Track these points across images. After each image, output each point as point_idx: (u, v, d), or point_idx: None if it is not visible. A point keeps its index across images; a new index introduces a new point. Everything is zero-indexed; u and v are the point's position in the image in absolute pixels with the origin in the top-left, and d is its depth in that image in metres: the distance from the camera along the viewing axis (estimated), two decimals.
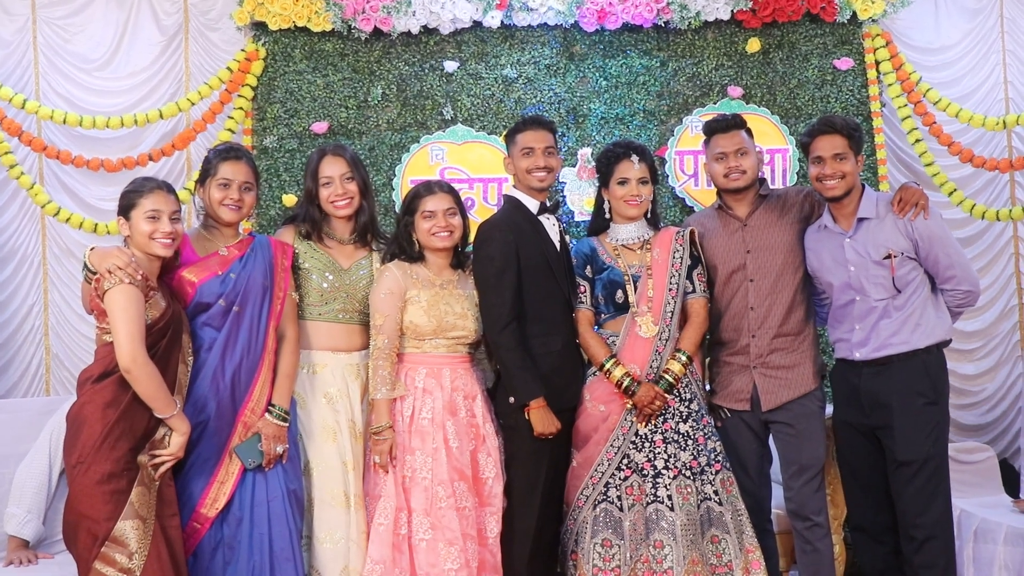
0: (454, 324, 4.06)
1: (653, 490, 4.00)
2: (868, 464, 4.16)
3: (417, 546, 3.89)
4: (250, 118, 5.98)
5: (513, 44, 6.02)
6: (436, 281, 4.11)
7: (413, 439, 3.97)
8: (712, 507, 4.02)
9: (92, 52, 6.06)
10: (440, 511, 3.90)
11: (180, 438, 3.63)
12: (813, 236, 4.23)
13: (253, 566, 3.73)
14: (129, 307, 3.53)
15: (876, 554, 4.21)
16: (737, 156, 4.22)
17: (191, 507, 3.71)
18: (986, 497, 5.09)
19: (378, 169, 5.91)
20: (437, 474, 3.93)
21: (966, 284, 4.09)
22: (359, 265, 4.18)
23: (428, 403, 4.00)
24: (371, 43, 5.97)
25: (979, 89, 6.31)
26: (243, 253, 3.95)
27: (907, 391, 4.03)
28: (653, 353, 4.11)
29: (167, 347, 3.65)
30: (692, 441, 4.06)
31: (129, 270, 3.55)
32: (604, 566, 4.00)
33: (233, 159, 3.98)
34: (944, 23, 6.35)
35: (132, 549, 3.47)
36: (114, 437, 3.52)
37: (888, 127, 6.12)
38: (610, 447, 4.07)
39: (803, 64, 6.05)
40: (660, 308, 4.13)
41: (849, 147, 4.08)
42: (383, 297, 4.02)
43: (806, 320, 4.25)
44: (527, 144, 4.22)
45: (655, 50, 6.05)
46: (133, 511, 3.49)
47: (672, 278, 4.16)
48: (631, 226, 4.24)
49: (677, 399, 4.10)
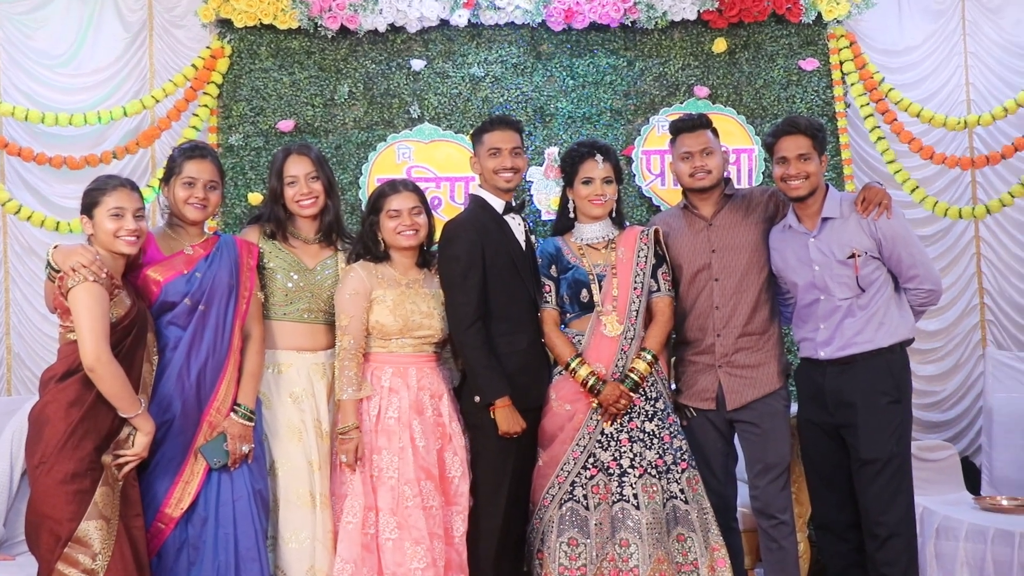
0: (420, 324, 4.06)
1: (619, 489, 4.00)
2: (832, 462, 4.18)
3: (383, 545, 3.88)
4: (215, 116, 5.95)
5: (480, 43, 6.02)
6: (402, 281, 4.10)
7: (379, 438, 3.96)
8: (678, 505, 4.02)
9: (55, 48, 6.02)
10: (407, 510, 3.89)
11: (144, 438, 3.60)
12: (778, 236, 4.25)
13: (219, 566, 3.70)
14: (93, 305, 3.50)
15: (839, 552, 4.23)
16: (702, 156, 4.23)
17: (155, 507, 3.68)
18: (948, 495, 5.14)
19: (344, 168, 5.90)
20: (403, 473, 3.92)
21: (929, 283, 4.12)
22: (324, 265, 4.16)
23: (395, 402, 4.00)
24: (338, 41, 5.95)
25: (941, 90, 6.37)
26: (208, 252, 3.92)
27: (871, 390, 4.05)
28: (619, 352, 4.11)
29: (132, 345, 3.62)
30: (658, 440, 4.07)
31: (93, 268, 3.51)
32: (570, 564, 4.00)
33: (198, 158, 3.95)
34: (907, 25, 6.40)
35: (96, 550, 3.44)
36: (77, 437, 3.49)
37: (852, 128, 6.17)
38: (576, 446, 4.07)
39: (769, 64, 6.09)
40: (625, 307, 4.13)
41: (813, 147, 4.10)
42: (348, 298, 4.01)
43: (771, 319, 4.26)
44: (494, 144, 4.21)
45: (622, 50, 6.07)
46: (97, 511, 3.46)
47: (637, 277, 4.16)
48: (596, 225, 4.24)
49: (643, 398, 4.10)
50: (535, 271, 4.26)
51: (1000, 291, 6.33)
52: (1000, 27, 6.35)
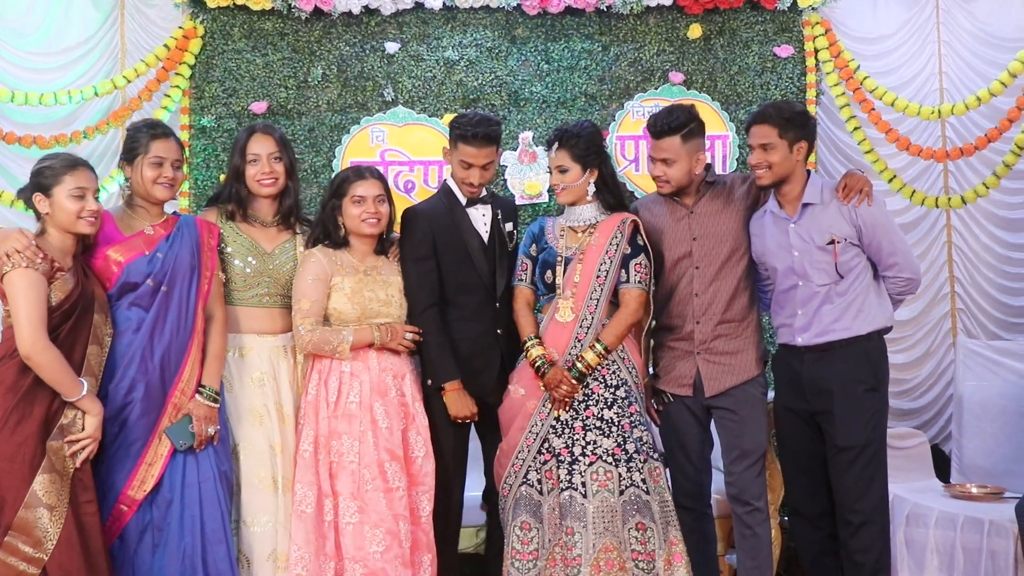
0: (378, 311, 4.05)
1: (568, 477, 3.96)
2: (807, 449, 4.19)
3: (344, 529, 3.89)
4: (187, 97, 5.90)
5: (455, 26, 5.99)
6: (360, 268, 4.08)
7: (340, 423, 3.95)
8: (640, 495, 3.95)
9: (24, 27, 5.95)
10: (367, 494, 3.89)
11: (94, 419, 3.55)
12: (758, 221, 4.23)
13: (184, 548, 3.68)
14: (29, 291, 3.46)
15: (812, 538, 4.24)
16: (663, 164, 4.15)
17: (117, 489, 3.65)
18: (918, 482, 5.17)
19: (318, 150, 5.87)
20: (364, 457, 3.92)
21: (908, 271, 4.11)
22: (283, 248, 4.13)
23: (355, 387, 3.99)
24: (311, 23, 5.91)
25: (915, 79, 6.37)
26: (169, 232, 3.88)
27: (848, 378, 4.05)
28: (573, 340, 4.06)
29: (73, 328, 3.58)
30: (617, 428, 4.01)
31: (27, 253, 3.48)
32: (522, 549, 4.00)
33: (162, 136, 3.91)
34: (882, 13, 6.40)
35: (38, 537, 3.41)
36: (13, 422, 3.45)
37: (825, 115, 6.18)
38: (529, 433, 4.05)
39: (744, 51, 6.08)
40: (584, 295, 4.07)
41: (780, 136, 4.05)
42: (310, 283, 3.99)
43: (750, 307, 4.25)
44: (466, 158, 4.18)
45: (597, 34, 6.06)
46: (37, 499, 3.42)
47: (602, 265, 4.08)
48: (580, 208, 4.18)
49: (601, 385, 4.05)
50: (503, 260, 4.26)
51: (971, 280, 6.35)
52: (974, 16, 6.34)
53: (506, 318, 4.24)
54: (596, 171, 4.15)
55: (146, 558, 3.68)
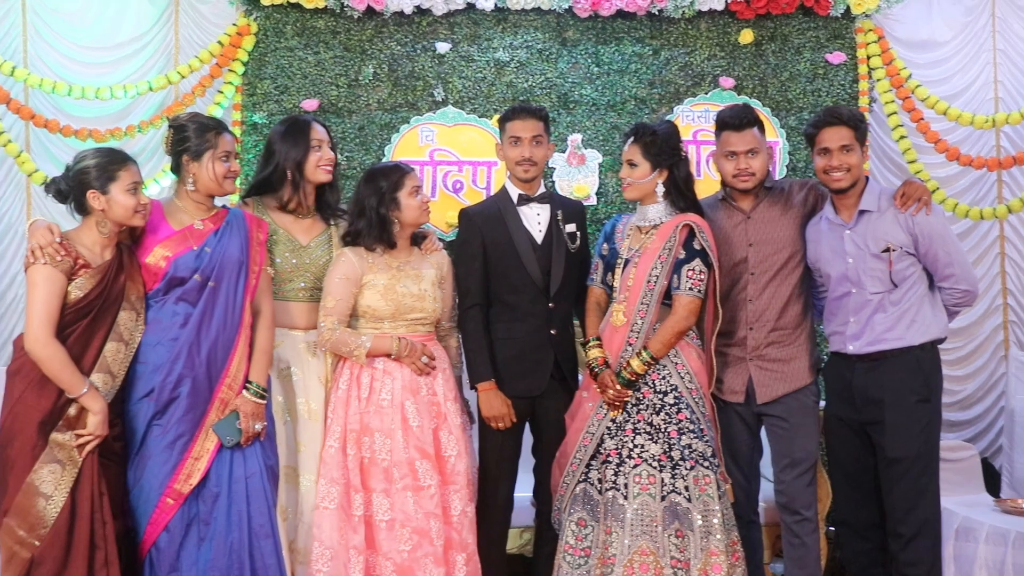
0: (412, 306, 4.05)
1: (614, 477, 3.95)
2: (857, 460, 4.15)
3: (378, 526, 3.89)
4: (240, 93, 5.94)
5: (506, 27, 5.99)
6: (392, 263, 4.07)
7: (372, 419, 3.95)
8: (679, 503, 3.91)
9: (81, 21, 6.01)
10: (397, 491, 3.90)
11: (95, 417, 3.56)
12: (815, 227, 4.20)
13: (232, 542, 3.69)
14: (43, 287, 3.50)
15: (860, 549, 4.20)
16: (747, 156, 4.14)
17: (164, 483, 3.67)
18: (967, 496, 5.10)
19: (367, 149, 5.89)
20: (395, 454, 3.92)
21: (964, 283, 4.05)
22: (318, 242, 4.15)
23: (387, 384, 3.98)
24: (363, 21, 5.93)
25: (969, 87, 6.33)
26: (218, 227, 3.88)
27: (900, 388, 4.00)
28: (625, 344, 4.03)
29: (89, 326, 3.60)
30: (663, 434, 3.97)
31: (50, 250, 3.51)
32: (576, 544, 4.00)
33: (227, 131, 3.94)
34: (936, 20, 6.35)
35: (32, 523, 3.46)
36: (21, 409, 3.52)
37: (876, 123, 6.12)
38: (587, 433, 4.05)
39: (795, 57, 6.05)
40: (636, 299, 4.03)
41: (855, 139, 4.05)
42: (338, 281, 3.99)
43: (803, 314, 4.22)
44: (515, 133, 4.25)
45: (648, 38, 6.04)
46: (34, 489, 3.47)
47: (653, 270, 4.02)
48: (648, 207, 4.13)
49: (651, 390, 4.01)
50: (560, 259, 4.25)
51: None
52: None
53: (562, 318, 4.24)
54: (667, 172, 4.09)
55: (192, 551, 3.69)
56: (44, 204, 5.89)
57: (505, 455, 4.23)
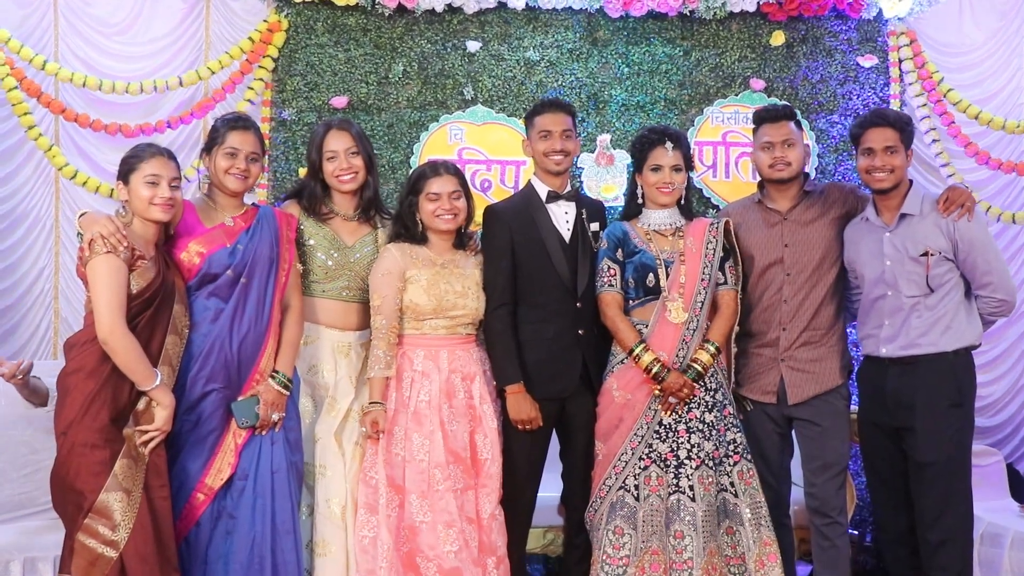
0: (454, 303, 4.05)
1: (675, 480, 3.97)
2: (892, 465, 4.14)
3: (418, 528, 3.89)
4: (270, 89, 5.96)
5: (537, 26, 5.99)
6: (437, 261, 4.09)
7: (411, 422, 3.96)
8: (728, 499, 4.00)
9: (112, 16, 6.02)
10: (437, 493, 3.90)
11: (164, 411, 3.58)
12: (854, 228, 4.20)
13: (254, 536, 3.72)
14: (110, 278, 3.50)
15: (899, 557, 4.19)
16: (783, 147, 4.19)
17: (194, 478, 3.69)
18: (992, 501, 5.10)
19: (396, 146, 5.89)
20: (434, 457, 3.92)
21: (1002, 292, 4.04)
22: (363, 242, 4.17)
23: (426, 386, 4.00)
24: (394, 19, 5.93)
25: (1001, 92, 6.29)
26: (249, 224, 3.93)
27: (932, 392, 4.00)
28: (680, 342, 4.07)
29: (152, 318, 3.61)
30: (715, 431, 4.03)
31: (112, 240, 3.52)
32: (614, 554, 3.99)
33: (241, 128, 3.95)
34: (968, 24, 6.32)
35: (116, 521, 3.44)
36: (96, 407, 3.49)
37: None
38: (634, 436, 4.04)
39: (827, 59, 6.03)
40: (691, 296, 4.08)
41: (900, 140, 4.05)
42: (381, 277, 4.01)
43: (836, 317, 4.23)
44: (544, 127, 4.23)
45: (679, 39, 6.03)
46: (117, 483, 3.45)
47: (705, 268, 4.11)
48: (663, 212, 4.21)
49: (703, 388, 4.06)
50: (584, 259, 4.22)
51: None
52: None
53: (589, 319, 4.21)
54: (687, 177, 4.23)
55: (219, 544, 3.72)
56: (72, 198, 5.91)
57: (533, 459, 4.20)
